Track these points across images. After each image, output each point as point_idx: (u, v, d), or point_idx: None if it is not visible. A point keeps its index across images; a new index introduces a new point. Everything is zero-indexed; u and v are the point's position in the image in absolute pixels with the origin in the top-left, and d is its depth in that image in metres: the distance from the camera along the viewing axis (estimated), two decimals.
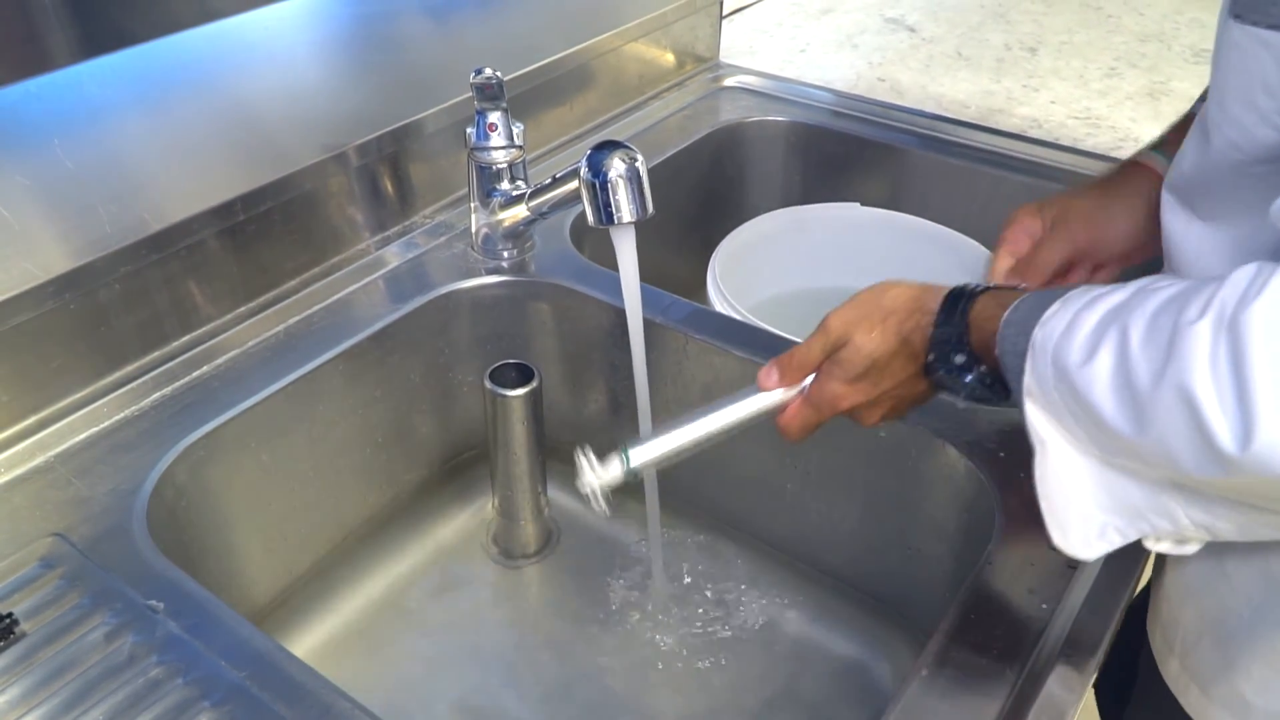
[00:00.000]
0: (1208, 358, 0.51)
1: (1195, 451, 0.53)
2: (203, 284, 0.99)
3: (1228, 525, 0.60)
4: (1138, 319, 0.56)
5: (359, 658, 1.02)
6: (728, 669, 1.01)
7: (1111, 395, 0.57)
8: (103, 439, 0.89)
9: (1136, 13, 1.90)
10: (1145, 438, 0.55)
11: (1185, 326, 0.53)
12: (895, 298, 0.75)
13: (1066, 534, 0.64)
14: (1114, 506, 0.63)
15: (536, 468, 1.08)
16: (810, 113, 1.49)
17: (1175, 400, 0.53)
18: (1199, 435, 0.52)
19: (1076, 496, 0.63)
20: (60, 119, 0.85)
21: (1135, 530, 0.63)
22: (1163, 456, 0.55)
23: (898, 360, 0.74)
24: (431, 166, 1.19)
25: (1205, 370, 0.51)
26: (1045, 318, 0.63)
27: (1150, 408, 0.54)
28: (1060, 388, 0.60)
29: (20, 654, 0.71)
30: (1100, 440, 0.60)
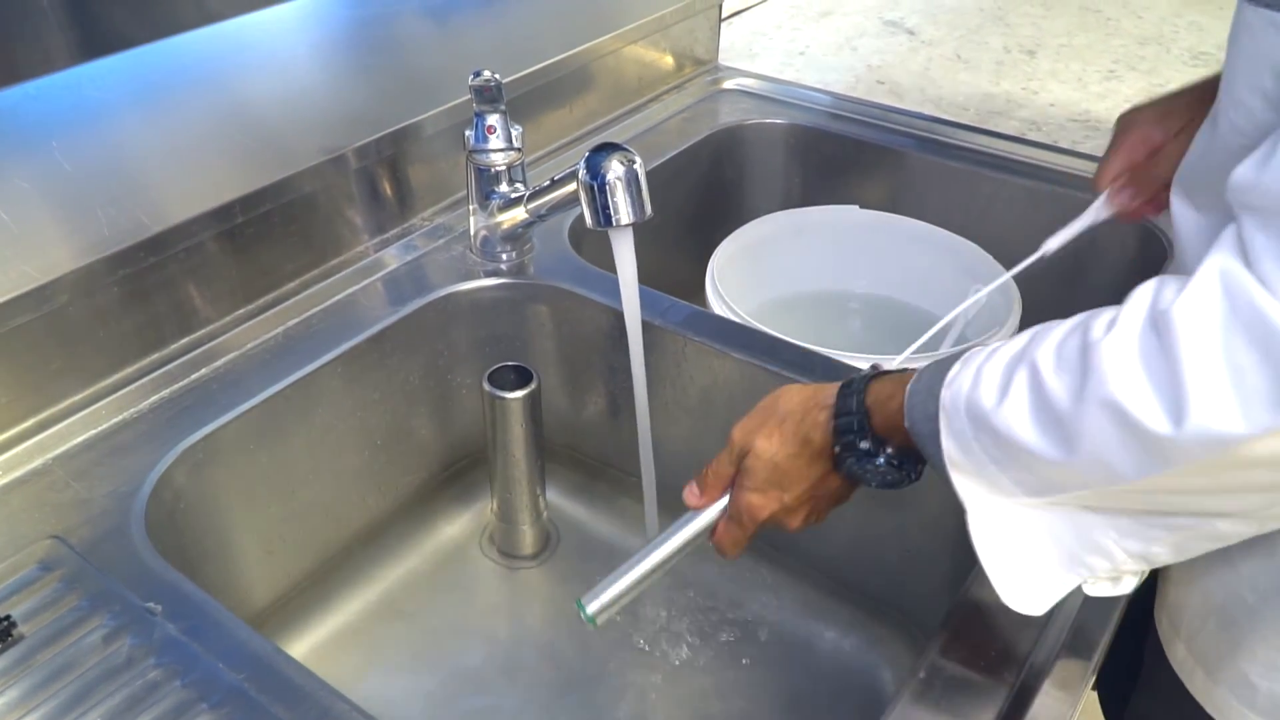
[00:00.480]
0: (1126, 363, 0.53)
1: (1131, 453, 0.54)
2: (201, 286, 0.99)
3: (1163, 549, 0.61)
4: (1043, 352, 0.58)
5: (357, 660, 1.02)
6: (726, 672, 1.01)
7: (1034, 426, 0.58)
8: (101, 441, 0.89)
9: (1135, 16, 1.90)
10: (1077, 457, 0.56)
11: (1094, 345, 0.55)
12: (789, 400, 0.76)
13: (1013, 592, 0.65)
14: (1051, 555, 0.64)
15: (535, 470, 1.08)
16: (809, 115, 1.49)
17: (1100, 411, 0.54)
18: (1132, 436, 0.53)
19: (1015, 552, 0.64)
20: (59, 121, 0.85)
21: (1075, 575, 0.64)
22: (1100, 471, 0.56)
23: (800, 461, 0.74)
24: (430, 169, 1.19)
25: (1125, 375, 0.53)
26: (949, 379, 0.64)
27: (1076, 425, 0.55)
28: (980, 438, 0.61)
29: (19, 656, 0.71)
30: (1028, 481, 0.61)
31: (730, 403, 1.03)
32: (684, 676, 1.01)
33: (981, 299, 1.22)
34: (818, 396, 0.75)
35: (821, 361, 0.99)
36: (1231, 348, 0.49)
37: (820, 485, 0.75)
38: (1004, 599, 0.65)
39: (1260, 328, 0.48)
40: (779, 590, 1.08)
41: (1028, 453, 0.59)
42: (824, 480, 0.75)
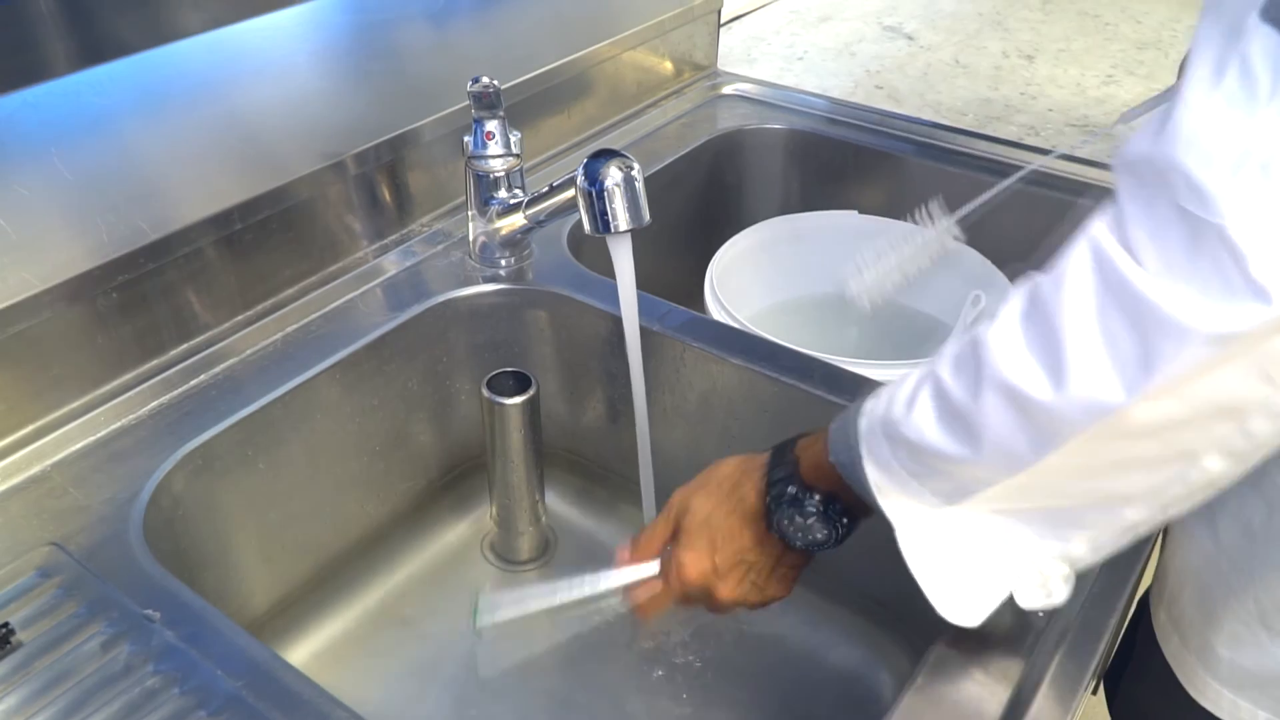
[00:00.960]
0: (1010, 342, 0.55)
1: (1025, 432, 0.56)
2: (200, 292, 0.99)
3: (1080, 546, 0.63)
4: (943, 362, 0.61)
5: (356, 667, 1.02)
6: (726, 677, 1.01)
7: (940, 427, 0.60)
8: (100, 448, 0.89)
9: (1134, 20, 1.90)
10: (982, 450, 0.58)
11: (980, 338, 0.57)
12: (728, 464, 0.78)
13: (947, 604, 0.66)
14: (978, 565, 0.66)
15: (534, 476, 1.08)
16: (808, 120, 1.49)
17: (994, 395, 0.56)
18: (1023, 412, 0.55)
19: (944, 564, 0.66)
20: (58, 128, 0.85)
21: (1004, 583, 0.66)
22: (1002, 459, 0.58)
23: (734, 519, 0.75)
24: (429, 175, 1.19)
25: (1010, 353, 0.55)
26: (866, 407, 0.67)
27: (977, 417, 0.58)
28: (897, 453, 0.64)
29: (17, 663, 0.71)
30: (944, 488, 0.63)
31: (729, 408, 1.03)
32: (685, 682, 1.01)
33: (982, 304, 1.23)
34: (755, 460, 0.77)
35: (820, 367, 0.99)
36: (1105, 316, 0.51)
37: (754, 551, 0.75)
38: (939, 611, 0.66)
39: (1127, 296, 0.50)
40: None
41: (938, 455, 0.61)
42: (758, 546, 0.75)
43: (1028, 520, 0.63)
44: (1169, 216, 0.49)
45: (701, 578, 0.75)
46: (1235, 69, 0.48)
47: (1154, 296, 0.49)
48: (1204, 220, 0.47)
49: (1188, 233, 0.48)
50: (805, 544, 0.73)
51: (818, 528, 0.72)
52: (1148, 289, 0.49)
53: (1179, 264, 0.48)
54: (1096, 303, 0.52)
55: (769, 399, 0.99)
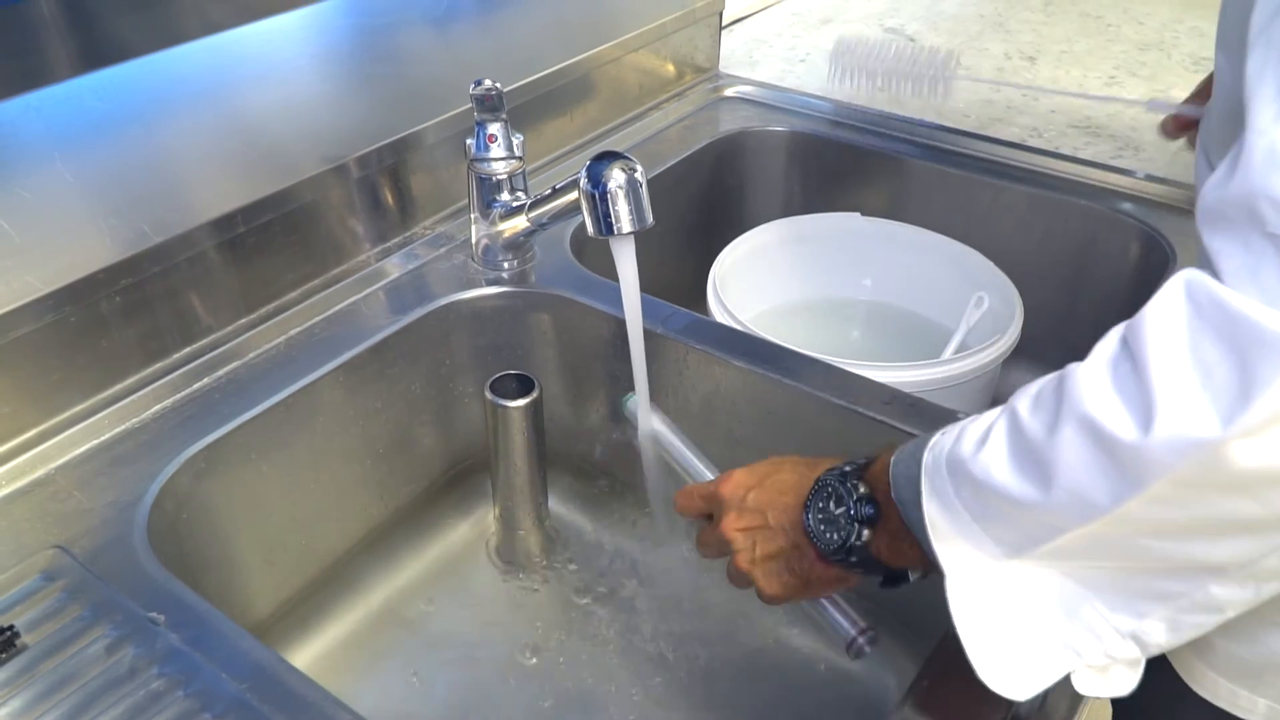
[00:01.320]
0: (1096, 380, 0.52)
1: (1104, 473, 0.51)
2: (203, 296, 0.99)
3: (1156, 626, 0.57)
4: (1022, 398, 0.57)
5: (360, 669, 1.02)
6: (730, 680, 1.01)
7: (1010, 465, 0.56)
8: (103, 451, 0.89)
9: (1136, 22, 1.90)
10: (1053, 492, 0.54)
11: (1068, 374, 0.54)
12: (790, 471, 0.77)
13: (993, 671, 0.61)
14: (1035, 633, 0.60)
15: (537, 478, 1.08)
16: (810, 122, 1.49)
17: (1072, 433, 0.52)
18: (1102, 450, 0.51)
19: (996, 627, 0.61)
20: (60, 132, 0.85)
21: (1061, 658, 0.60)
22: (1075, 505, 0.53)
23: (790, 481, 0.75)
24: (432, 178, 1.19)
25: (1095, 391, 0.52)
26: (931, 442, 0.63)
27: (1051, 455, 0.54)
28: (961, 492, 0.60)
29: (21, 666, 0.71)
30: (1008, 537, 0.59)
31: (732, 410, 1.03)
32: (690, 684, 1.01)
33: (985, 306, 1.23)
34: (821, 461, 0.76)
35: (823, 369, 0.99)
36: (1198, 346, 0.48)
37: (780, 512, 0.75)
38: (982, 677, 0.60)
39: (1224, 321, 0.47)
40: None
41: (1005, 497, 0.57)
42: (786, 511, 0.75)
43: (1098, 587, 0.58)
44: (1263, 248, 0.46)
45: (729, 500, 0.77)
46: None
47: (1254, 315, 0.46)
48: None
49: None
50: (826, 547, 0.71)
51: (842, 519, 0.70)
52: (1247, 309, 0.46)
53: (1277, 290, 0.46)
54: (1189, 331, 0.48)
55: (772, 401, 0.99)
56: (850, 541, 0.69)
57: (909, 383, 1.06)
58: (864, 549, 0.69)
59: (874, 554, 0.69)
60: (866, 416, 0.93)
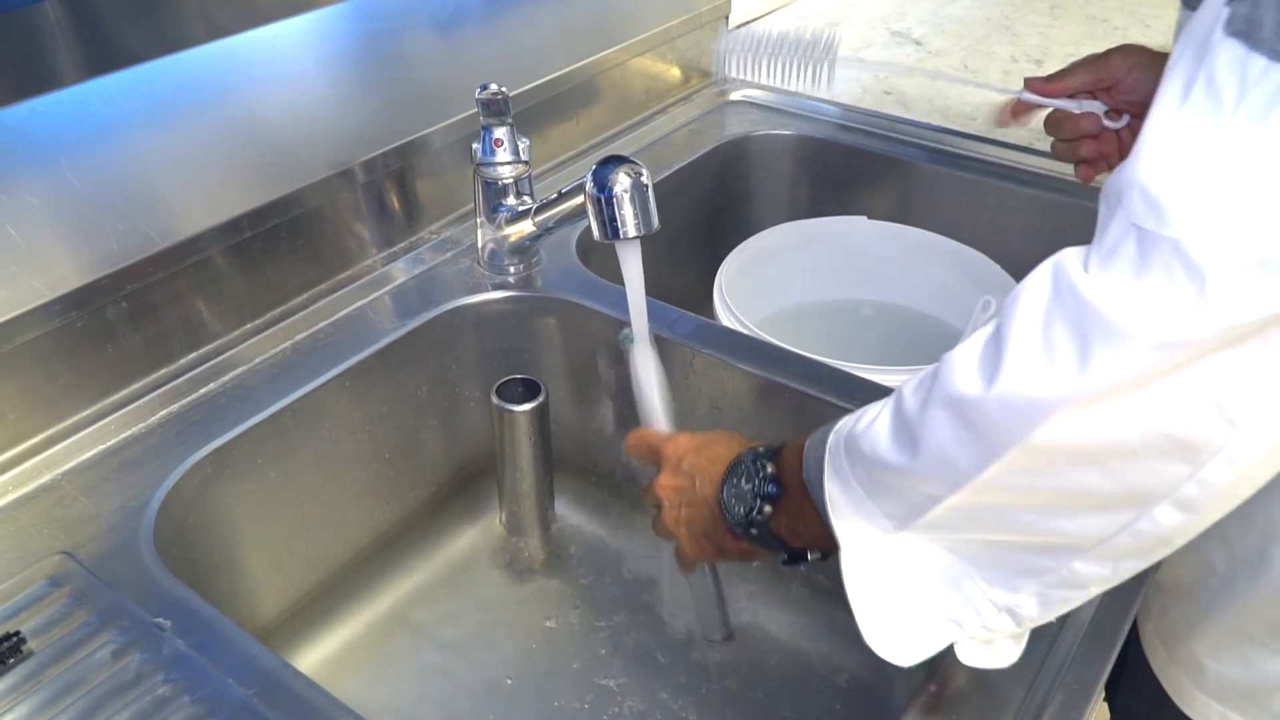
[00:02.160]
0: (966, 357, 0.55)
1: (963, 440, 0.54)
2: (209, 301, 0.99)
3: (1028, 600, 0.60)
4: (911, 380, 0.60)
5: (366, 674, 1.02)
6: (736, 684, 1.01)
7: (890, 438, 0.60)
8: (110, 456, 0.89)
9: (1143, 24, 1.90)
10: (921, 458, 0.57)
11: (945, 357, 0.57)
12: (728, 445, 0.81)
13: (880, 638, 0.63)
14: (920, 604, 0.63)
15: (544, 482, 1.08)
16: (816, 126, 1.49)
17: (939, 406, 0.56)
18: (960, 418, 0.54)
19: (884, 596, 0.63)
20: (67, 137, 0.85)
21: (945, 629, 0.63)
22: (943, 469, 0.56)
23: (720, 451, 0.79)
24: (438, 182, 1.19)
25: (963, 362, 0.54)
26: (837, 426, 0.67)
27: (920, 425, 0.57)
28: (855, 469, 0.63)
29: (28, 672, 0.71)
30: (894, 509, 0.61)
31: (739, 414, 1.03)
32: (695, 688, 1.00)
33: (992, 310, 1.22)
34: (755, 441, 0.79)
35: (830, 373, 0.99)
36: (1049, 324, 0.50)
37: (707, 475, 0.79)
38: (870, 643, 0.63)
39: (1073, 300, 0.49)
40: (789, 604, 1.08)
41: (884, 466, 0.60)
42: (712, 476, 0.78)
43: (977, 561, 0.61)
44: (1123, 236, 0.48)
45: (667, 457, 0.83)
46: (1201, 85, 0.47)
47: (1098, 300, 0.48)
48: (1157, 235, 0.46)
49: (1139, 249, 0.47)
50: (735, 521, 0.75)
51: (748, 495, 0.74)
52: (1093, 294, 0.48)
53: (1126, 278, 0.48)
54: (1044, 310, 0.51)
55: (779, 405, 0.99)
56: (752, 515, 0.73)
57: None
58: (764, 524, 0.73)
59: (774, 530, 0.73)
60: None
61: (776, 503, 0.72)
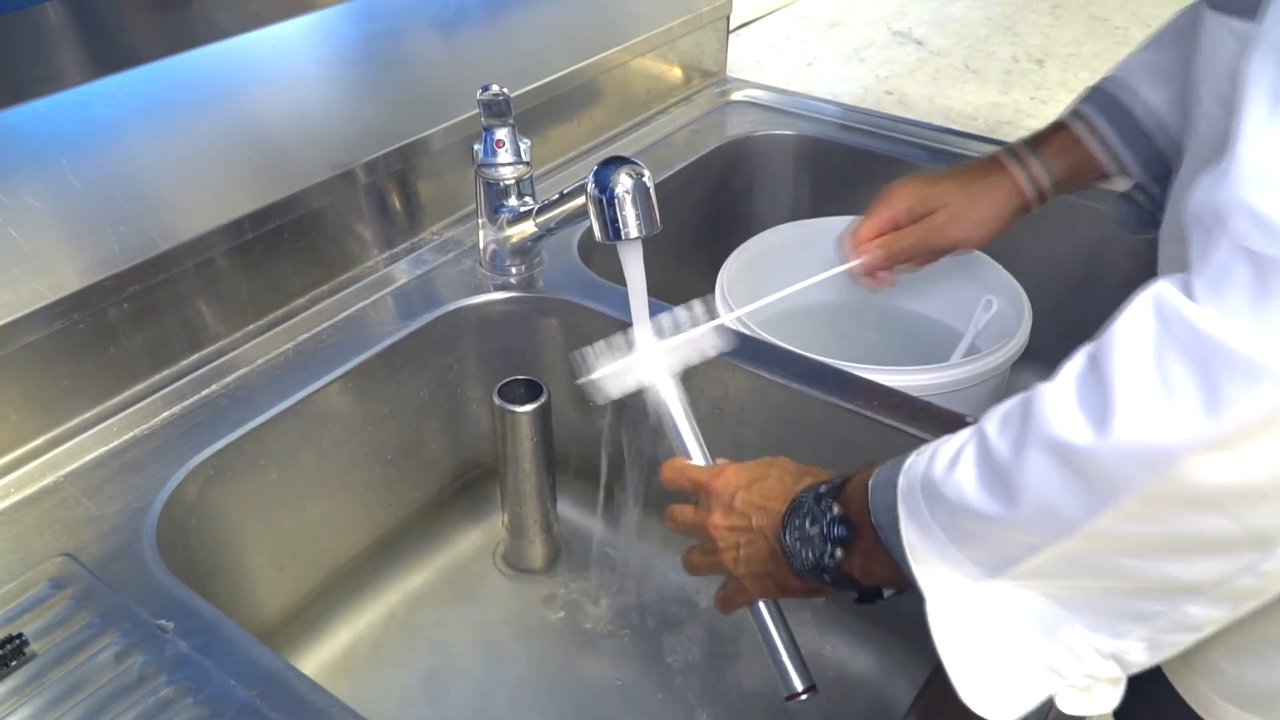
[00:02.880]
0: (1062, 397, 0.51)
1: (1070, 487, 0.51)
2: (211, 302, 0.99)
3: (1135, 645, 0.57)
4: (992, 418, 0.57)
5: (369, 675, 1.02)
6: (739, 685, 1.01)
7: (979, 484, 0.56)
8: (112, 458, 0.89)
9: (1144, 24, 1.90)
10: (1020, 508, 0.54)
11: (1035, 393, 0.54)
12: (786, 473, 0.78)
13: (976, 694, 0.60)
14: (1017, 656, 0.59)
15: (546, 484, 1.08)
16: (818, 126, 1.49)
17: (1037, 451, 0.52)
18: (1067, 465, 0.51)
19: (978, 649, 0.60)
20: (69, 138, 0.85)
21: (1043, 680, 0.59)
22: (1045, 520, 0.53)
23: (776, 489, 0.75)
24: (439, 183, 1.19)
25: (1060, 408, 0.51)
26: (906, 465, 0.63)
27: (1016, 472, 0.53)
28: (936, 514, 0.60)
29: (31, 674, 0.71)
30: (984, 557, 0.58)
31: (741, 415, 1.03)
32: (697, 690, 1.00)
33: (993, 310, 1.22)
34: (813, 471, 0.77)
35: (831, 373, 0.99)
36: (1163, 361, 0.47)
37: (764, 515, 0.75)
38: (965, 700, 0.60)
39: (1191, 339, 0.46)
40: (793, 605, 1.07)
41: (976, 516, 0.56)
42: (771, 517, 0.75)
43: (1077, 607, 0.57)
44: (1233, 261, 0.45)
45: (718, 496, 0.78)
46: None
47: (1219, 333, 0.44)
48: (1274, 258, 0.44)
49: (1253, 273, 0.44)
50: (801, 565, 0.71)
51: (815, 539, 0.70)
52: (1212, 326, 0.45)
53: (1243, 307, 0.45)
54: (1154, 346, 0.47)
55: (781, 405, 0.99)
56: (824, 561, 0.69)
57: (917, 386, 1.05)
58: (837, 568, 0.70)
59: (848, 571, 0.70)
60: (875, 420, 0.93)
61: (848, 545, 0.69)
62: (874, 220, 1.04)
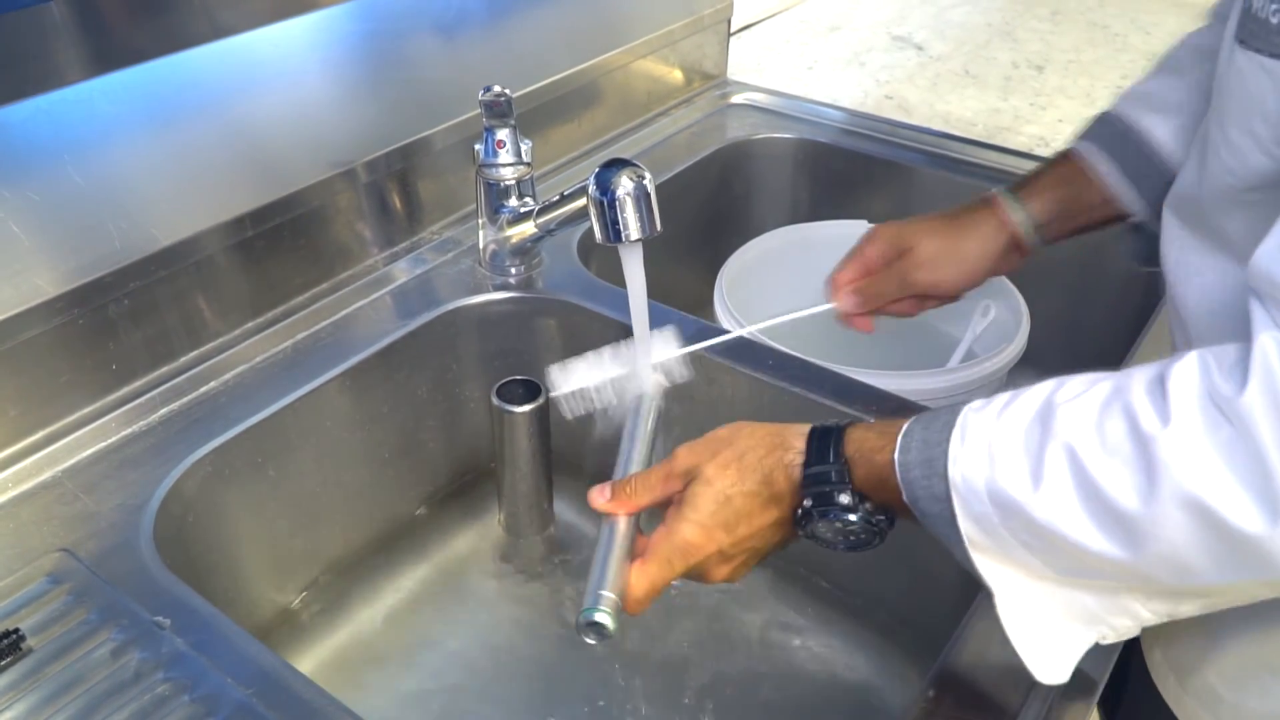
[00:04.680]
0: (1202, 457, 0.50)
1: (1214, 555, 0.51)
2: (211, 300, 0.99)
3: (1191, 606, 0.59)
4: (1078, 433, 0.55)
5: (365, 674, 1.02)
6: (735, 688, 1.01)
7: (1091, 521, 0.54)
8: (110, 454, 0.89)
9: (1143, 31, 1.90)
10: (1143, 555, 0.53)
11: (1153, 438, 0.52)
12: (750, 435, 0.70)
13: (1044, 666, 0.62)
14: (1075, 620, 0.61)
15: (543, 483, 1.08)
16: (818, 130, 1.49)
17: (1179, 511, 0.50)
18: (1218, 537, 0.50)
19: (1043, 626, 0.62)
20: (70, 135, 0.85)
21: (1095, 634, 0.62)
22: (1171, 569, 0.53)
23: (756, 501, 0.68)
24: (440, 183, 1.19)
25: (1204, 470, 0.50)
26: (954, 455, 0.60)
27: (1145, 525, 0.52)
28: (1010, 525, 0.58)
29: (27, 670, 0.71)
30: (1066, 564, 0.58)
31: (738, 418, 1.02)
32: (693, 692, 1.00)
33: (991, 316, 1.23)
34: (783, 436, 0.70)
35: (829, 377, 0.99)
36: None
37: (766, 535, 0.69)
38: (1037, 676, 0.62)
39: None
40: (788, 609, 1.08)
41: (1079, 547, 0.55)
42: (772, 530, 0.69)
43: (1143, 596, 0.59)
44: None
45: (704, 561, 0.69)
46: None
47: None
48: None
49: None
50: (847, 546, 0.68)
51: (864, 533, 0.67)
52: None
53: None
54: None
55: (779, 409, 0.99)
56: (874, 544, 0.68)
57: (915, 391, 1.05)
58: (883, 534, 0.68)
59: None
60: None
61: (892, 527, 0.67)
62: (852, 263, 1.02)
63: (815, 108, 1.54)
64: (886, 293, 1.00)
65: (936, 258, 0.98)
